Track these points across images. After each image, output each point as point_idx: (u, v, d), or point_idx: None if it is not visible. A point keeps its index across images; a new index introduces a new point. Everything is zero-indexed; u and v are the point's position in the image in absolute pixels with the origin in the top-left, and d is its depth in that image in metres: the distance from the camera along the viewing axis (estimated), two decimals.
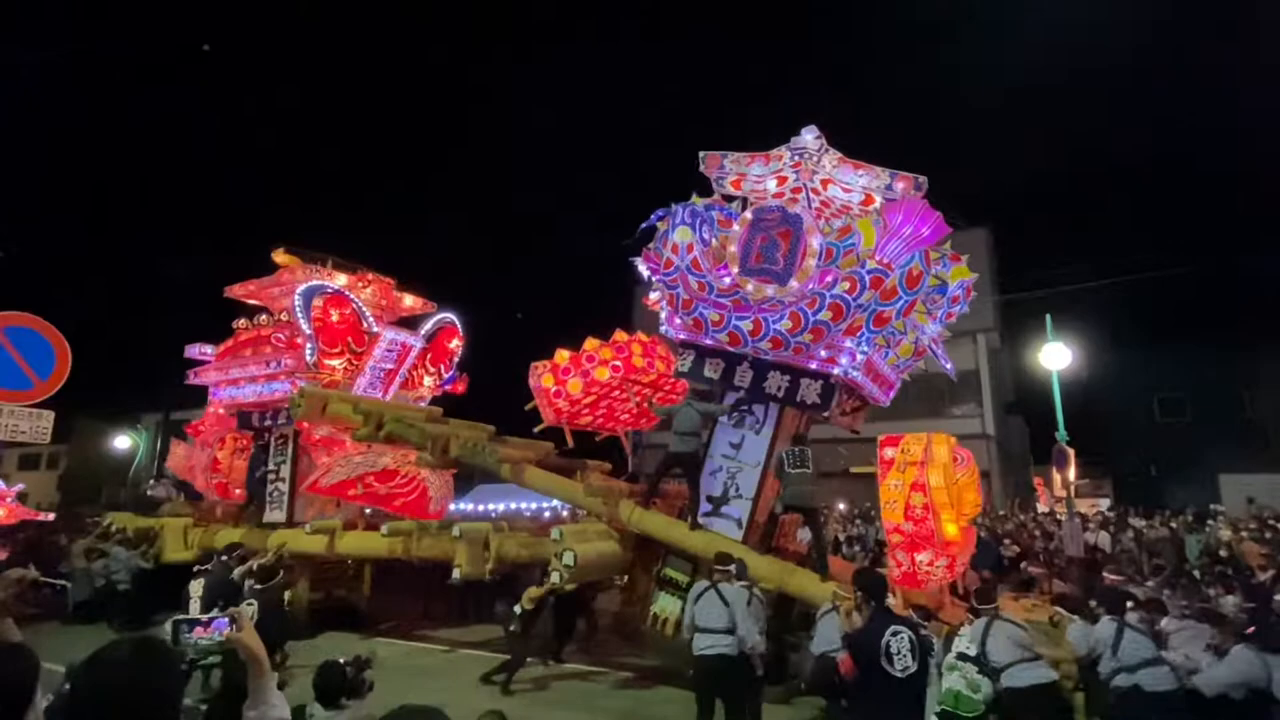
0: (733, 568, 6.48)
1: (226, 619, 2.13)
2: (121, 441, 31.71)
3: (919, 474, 7.17)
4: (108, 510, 15.64)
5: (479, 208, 66.47)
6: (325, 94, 68.86)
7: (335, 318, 12.26)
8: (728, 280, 8.22)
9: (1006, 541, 13.80)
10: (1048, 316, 14.15)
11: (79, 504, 30.78)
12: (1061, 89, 58.74)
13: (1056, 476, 15.63)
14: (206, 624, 2.12)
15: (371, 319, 12.89)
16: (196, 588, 7.72)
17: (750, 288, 8.07)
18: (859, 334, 7.82)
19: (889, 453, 7.48)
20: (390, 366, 13.07)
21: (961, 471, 7.59)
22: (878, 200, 8.19)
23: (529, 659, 8.46)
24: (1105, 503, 26.10)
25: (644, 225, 8.92)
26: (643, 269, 9.09)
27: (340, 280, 13.40)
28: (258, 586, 7.39)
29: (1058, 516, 17.00)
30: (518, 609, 8.22)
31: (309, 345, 12.04)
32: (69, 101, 57.70)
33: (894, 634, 4.87)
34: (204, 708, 5.65)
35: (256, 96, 67.74)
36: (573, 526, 8.64)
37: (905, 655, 4.83)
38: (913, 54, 64.86)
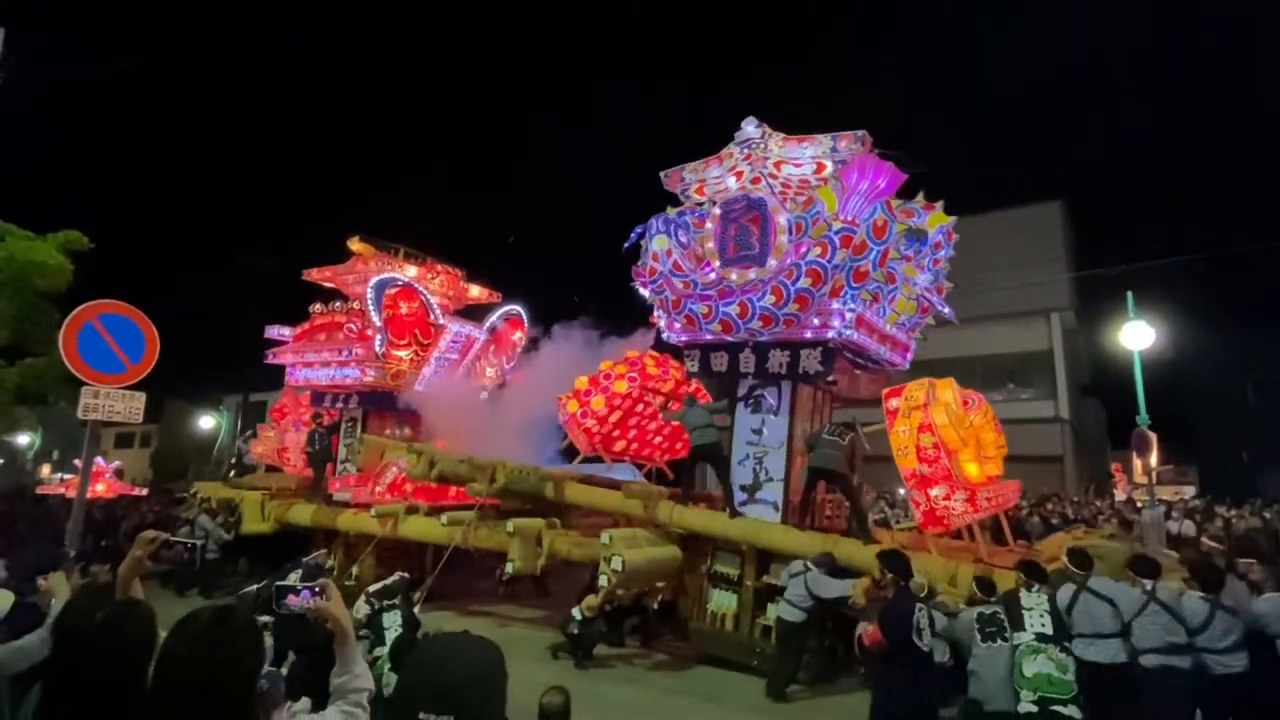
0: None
1: (311, 589, 2.17)
2: (206, 421, 33.62)
3: (924, 416, 7.37)
4: (195, 483, 16.66)
5: (543, 193, 67.07)
6: (402, 90, 70.39)
7: (405, 310, 12.57)
8: (713, 275, 8.61)
9: (1083, 529, 13.26)
10: (1129, 293, 13.41)
11: (169, 479, 32.92)
12: (1149, 54, 55.10)
13: (1137, 462, 14.83)
14: (296, 592, 2.16)
15: (439, 311, 13.19)
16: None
17: (734, 277, 8.41)
18: (843, 294, 8.01)
19: (894, 403, 7.74)
20: (454, 357, 13.42)
21: (974, 413, 7.80)
22: (829, 166, 8.37)
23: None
24: (1190, 491, 24.69)
25: (626, 245, 9.37)
26: (638, 288, 9.44)
27: (410, 271, 13.75)
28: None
29: (1137, 504, 16.19)
30: (577, 613, 8.30)
31: (378, 336, 12.38)
32: (154, 97, 60.78)
33: (919, 610, 5.15)
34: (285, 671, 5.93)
35: (335, 88, 69.79)
36: (622, 531, 8.54)
37: (928, 631, 5.13)
38: (992, 21, 61.83)
